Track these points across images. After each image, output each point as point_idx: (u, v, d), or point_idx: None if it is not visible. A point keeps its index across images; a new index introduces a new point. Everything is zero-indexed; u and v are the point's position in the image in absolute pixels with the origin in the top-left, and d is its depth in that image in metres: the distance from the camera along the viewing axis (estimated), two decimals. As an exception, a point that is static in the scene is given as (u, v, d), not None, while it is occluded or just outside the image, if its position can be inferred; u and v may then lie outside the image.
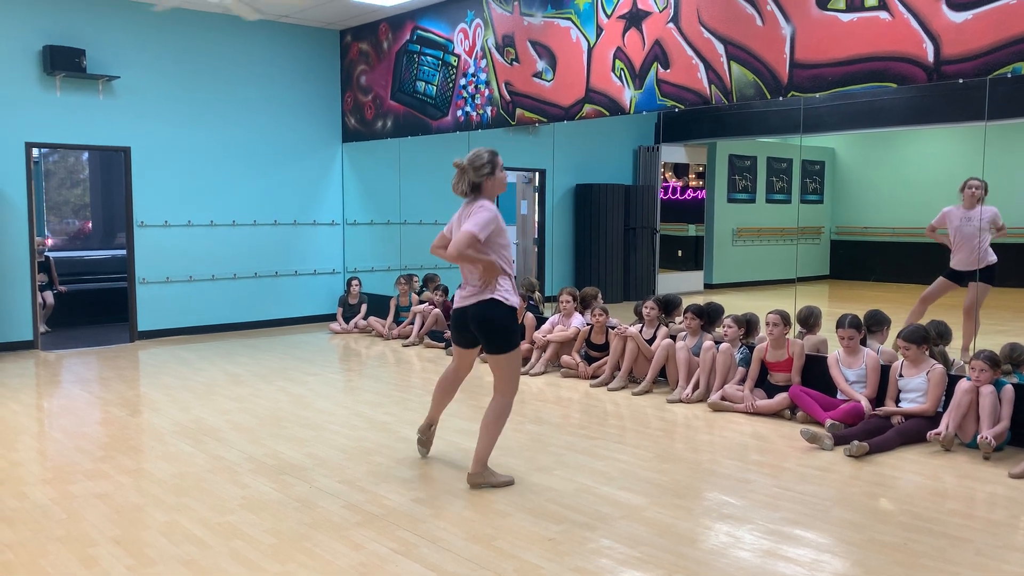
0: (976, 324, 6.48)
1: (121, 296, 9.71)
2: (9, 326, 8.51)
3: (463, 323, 4.38)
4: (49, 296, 9.72)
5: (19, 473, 4.65)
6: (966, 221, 6.80)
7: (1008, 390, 4.96)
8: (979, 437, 4.85)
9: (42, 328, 9.18)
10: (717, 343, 6.41)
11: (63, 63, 8.40)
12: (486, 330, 4.29)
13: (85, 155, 12.39)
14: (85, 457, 4.95)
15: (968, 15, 5.25)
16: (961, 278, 6.93)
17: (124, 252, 9.60)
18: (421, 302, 9.43)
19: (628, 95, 7.25)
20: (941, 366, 5.33)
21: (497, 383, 4.38)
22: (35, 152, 9.49)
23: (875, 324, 6.03)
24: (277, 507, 4.11)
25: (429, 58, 9.31)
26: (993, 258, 6.79)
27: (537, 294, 8.52)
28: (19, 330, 8.59)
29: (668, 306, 7.19)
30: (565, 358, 7.40)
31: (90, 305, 10.37)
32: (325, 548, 3.61)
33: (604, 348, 7.17)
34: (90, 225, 12.75)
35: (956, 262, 6.93)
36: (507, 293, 4.28)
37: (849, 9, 5.79)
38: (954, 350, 6.10)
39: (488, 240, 4.19)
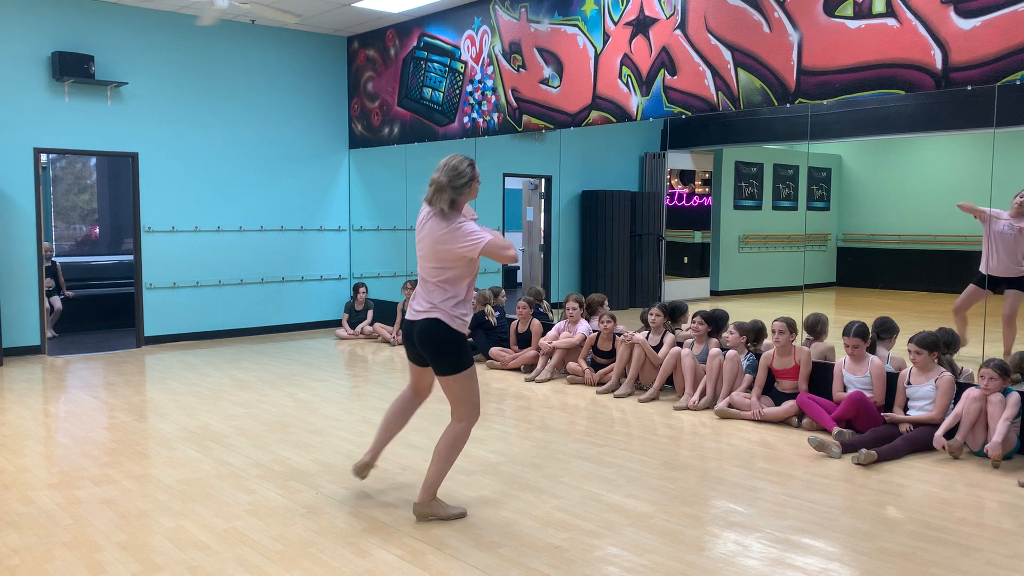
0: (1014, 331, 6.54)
1: (128, 301, 9.73)
2: (16, 331, 8.52)
3: (410, 337, 4.01)
4: (56, 301, 9.75)
5: (26, 478, 4.66)
6: (1009, 227, 6.86)
7: (1014, 396, 4.92)
8: (987, 446, 4.82)
9: (49, 333, 9.21)
10: (724, 350, 6.39)
11: (72, 69, 8.44)
12: (429, 350, 3.91)
13: (93, 161, 12.43)
14: (91, 462, 4.95)
15: (976, 22, 5.24)
16: (997, 284, 6.93)
17: (131, 257, 9.63)
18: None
19: (635, 102, 7.25)
20: (949, 374, 5.31)
21: (453, 408, 3.98)
22: (43, 158, 9.53)
23: (884, 331, 6.02)
24: (284, 513, 4.11)
25: (436, 64, 9.33)
26: None
27: (545, 303, 8.51)
28: (26, 335, 8.61)
29: (674, 313, 7.20)
30: (571, 365, 7.38)
31: (97, 310, 10.40)
32: (332, 554, 3.60)
33: (611, 355, 7.16)
34: (97, 230, 12.79)
35: (994, 268, 6.92)
36: (456, 317, 3.89)
37: (857, 16, 5.79)
38: (963, 359, 6.07)
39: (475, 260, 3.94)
